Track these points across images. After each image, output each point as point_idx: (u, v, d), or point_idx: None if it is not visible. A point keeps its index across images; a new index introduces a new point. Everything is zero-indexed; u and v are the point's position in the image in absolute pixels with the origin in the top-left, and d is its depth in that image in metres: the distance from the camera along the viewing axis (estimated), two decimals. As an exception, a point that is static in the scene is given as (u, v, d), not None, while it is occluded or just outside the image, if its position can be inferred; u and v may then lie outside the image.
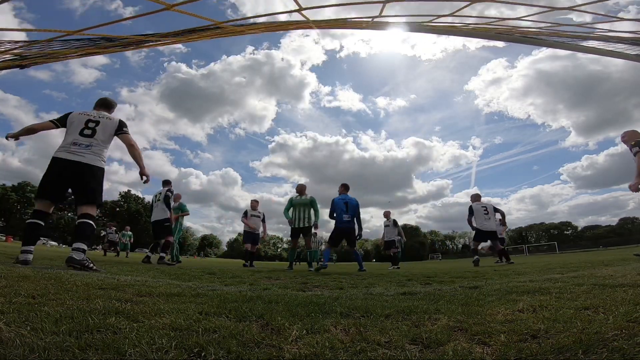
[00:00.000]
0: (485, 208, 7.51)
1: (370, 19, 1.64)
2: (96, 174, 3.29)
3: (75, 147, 3.22)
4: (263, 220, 8.59)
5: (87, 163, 3.21)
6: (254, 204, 8.59)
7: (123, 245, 14.54)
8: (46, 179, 3.15)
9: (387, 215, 9.79)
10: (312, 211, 6.50)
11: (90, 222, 3.16)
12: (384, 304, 1.58)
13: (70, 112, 3.42)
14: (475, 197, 7.81)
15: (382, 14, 1.53)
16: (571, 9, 1.48)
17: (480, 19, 1.77)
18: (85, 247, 3.05)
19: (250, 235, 8.35)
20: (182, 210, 7.69)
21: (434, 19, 1.64)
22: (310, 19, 1.59)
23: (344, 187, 6.62)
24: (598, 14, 1.58)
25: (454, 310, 1.37)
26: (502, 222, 8.86)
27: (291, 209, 6.60)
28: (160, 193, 6.86)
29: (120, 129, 3.47)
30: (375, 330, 1.10)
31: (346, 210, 6.24)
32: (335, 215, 6.31)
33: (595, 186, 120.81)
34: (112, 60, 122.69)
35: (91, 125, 3.33)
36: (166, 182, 7.07)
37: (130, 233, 15.21)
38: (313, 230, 6.67)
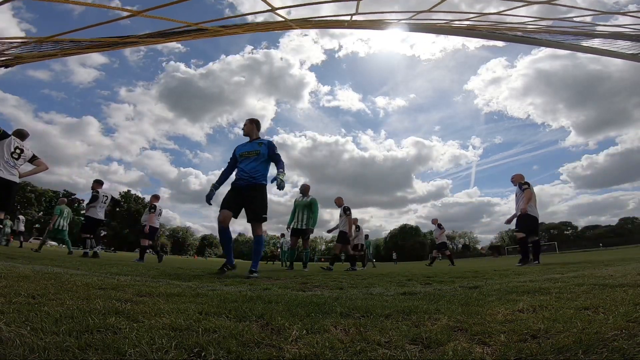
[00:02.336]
0: None
1: (349, 17, 1.64)
2: (18, 191, 4.49)
3: (7, 166, 4.27)
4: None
5: (17, 182, 4.41)
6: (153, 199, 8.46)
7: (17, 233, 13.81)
8: None
9: (355, 222, 10.93)
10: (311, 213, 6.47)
11: None
12: (384, 304, 1.58)
13: (10, 135, 4.39)
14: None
15: (359, 11, 1.54)
16: (570, 5, 1.48)
17: (480, 17, 1.77)
18: None
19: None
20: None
21: (415, 15, 1.64)
22: (289, 18, 1.60)
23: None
24: (598, 12, 1.58)
25: (454, 310, 1.37)
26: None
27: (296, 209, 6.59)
28: (107, 197, 7.62)
29: (35, 157, 4.66)
30: (375, 330, 1.10)
31: None
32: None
33: (595, 186, 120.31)
34: (110, 60, 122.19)
35: (17, 151, 4.43)
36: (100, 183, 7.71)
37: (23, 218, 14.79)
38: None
